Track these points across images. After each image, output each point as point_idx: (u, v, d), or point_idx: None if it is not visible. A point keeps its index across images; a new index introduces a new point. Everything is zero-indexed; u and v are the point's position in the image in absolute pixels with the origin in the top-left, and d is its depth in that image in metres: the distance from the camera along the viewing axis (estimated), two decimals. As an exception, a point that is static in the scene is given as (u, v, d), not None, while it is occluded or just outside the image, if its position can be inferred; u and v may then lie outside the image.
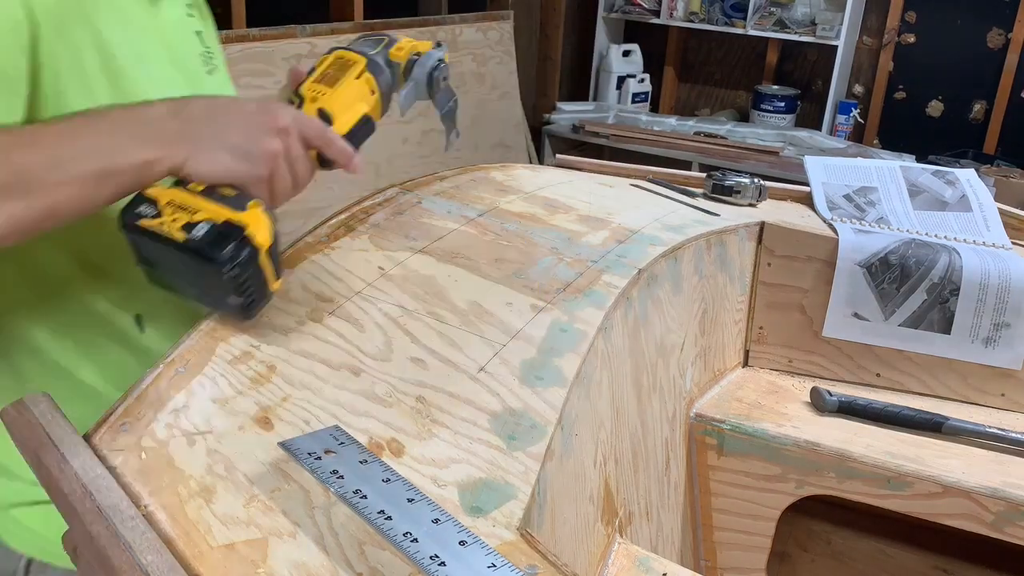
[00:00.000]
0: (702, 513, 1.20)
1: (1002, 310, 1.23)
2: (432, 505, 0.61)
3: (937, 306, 1.24)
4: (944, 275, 1.23)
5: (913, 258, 1.24)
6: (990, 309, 1.23)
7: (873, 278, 1.24)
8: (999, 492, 1.03)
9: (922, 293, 1.24)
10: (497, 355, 0.83)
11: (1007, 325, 1.23)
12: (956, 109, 4.59)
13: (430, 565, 0.56)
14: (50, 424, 0.67)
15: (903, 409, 1.18)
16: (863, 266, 1.25)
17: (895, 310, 1.26)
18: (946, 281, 1.24)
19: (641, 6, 5.07)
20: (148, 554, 0.56)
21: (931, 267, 1.24)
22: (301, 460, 0.65)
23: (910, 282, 1.24)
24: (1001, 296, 1.22)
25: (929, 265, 1.24)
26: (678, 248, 1.14)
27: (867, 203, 1.37)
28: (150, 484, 0.64)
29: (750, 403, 1.21)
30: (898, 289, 1.25)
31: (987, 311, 1.23)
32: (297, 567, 0.57)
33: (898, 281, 1.25)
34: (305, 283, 0.92)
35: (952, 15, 4.49)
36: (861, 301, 1.26)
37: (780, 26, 4.70)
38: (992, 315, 1.23)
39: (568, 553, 0.74)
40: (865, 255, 1.25)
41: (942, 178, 1.44)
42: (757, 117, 4.82)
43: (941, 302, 1.24)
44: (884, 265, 1.24)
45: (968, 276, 1.23)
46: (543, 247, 1.07)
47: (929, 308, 1.25)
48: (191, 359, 0.78)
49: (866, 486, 1.09)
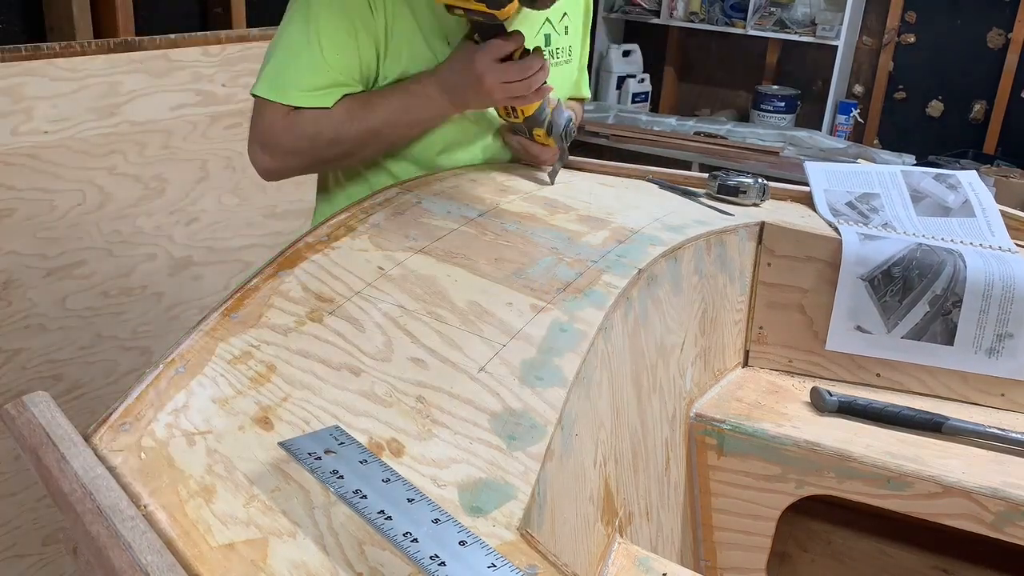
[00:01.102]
0: (702, 513, 1.20)
1: (1005, 320, 1.23)
2: (432, 505, 0.61)
3: (940, 318, 1.24)
4: (947, 286, 1.23)
5: (916, 270, 1.24)
6: (993, 320, 1.23)
7: (875, 291, 1.24)
8: (999, 492, 1.03)
9: (924, 305, 1.24)
10: (497, 355, 0.83)
11: (1010, 335, 1.23)
12: (956, 109, 4.59)
13: (430, 565, 0.56)
14: (50, 424, 0.67)
15: (903, 409, 1.18)
16: (865, 279, 1.25)
17: (898, 322, 1.25)
18: (949, 292, 1.23)
19: (641, 6, 5.07)
20: (148, 554, 0.56)
21: (934, 279, 1.23)
22: (301, 460, 0.65)
23: (912, 294, 1.24)
24: (1004, 307, 1.22)
25: (932, 276, 1.24)
26: (678, 248, 1.14)
27: (870, 209, 1.37)
28: (150, 484, 0.64)
29: (750, 403, 1.21)
30: (900, 301, 1.24)
31: (990, 322, 1.23)
32: (297, 567, 0.57)
33: (900, 293, 1.24)
34: (305, 283, 0.92)
35: (952, 15, 4.49)
36: (863, 314, 1.26)
37: (780, 26, 4.70)
38: (995, 326, 1.23)
39: (568, 553, 0.74)
40: (868, 268, 1.25)
41: (944, 183, 1.43)
42: (757, 117, 4.82)
43: (944, 314, 1.24)
44: (887, 278, 1.24)
45: (971, 286, 1.23)
46: (543, 247, 1.07)
47: (932, 320, 1.25)
48: (191, 359, 0.78)
49: (866, 486, 1.09)
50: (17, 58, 1.69)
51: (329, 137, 1.23)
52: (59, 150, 1.77)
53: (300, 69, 1.22)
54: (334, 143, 1.24)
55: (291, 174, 1.31)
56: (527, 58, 1.21)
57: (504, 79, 1.20)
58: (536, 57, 1.22)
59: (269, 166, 1.27)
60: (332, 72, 1.22)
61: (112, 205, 1.88)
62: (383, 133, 1.26)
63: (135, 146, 1.90)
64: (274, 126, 1.23)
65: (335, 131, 1.23)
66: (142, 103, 1.89)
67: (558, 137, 1.34)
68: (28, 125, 1.72)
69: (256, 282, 0.91)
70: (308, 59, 1.21)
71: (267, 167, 1.27)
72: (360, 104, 1.24)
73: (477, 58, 1.19)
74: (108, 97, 1.83)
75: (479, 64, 1.19)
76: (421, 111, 1.25)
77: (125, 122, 1.87)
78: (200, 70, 1.99)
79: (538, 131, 1.33)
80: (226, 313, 0.85)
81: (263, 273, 0.93)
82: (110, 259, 1.90)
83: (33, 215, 1.76)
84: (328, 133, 1.23)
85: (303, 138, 1.23)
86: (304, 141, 1.23)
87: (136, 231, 1.94)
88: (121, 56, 1.84)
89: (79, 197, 1.82)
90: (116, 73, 1.83)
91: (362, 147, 1.27)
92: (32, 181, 1.75)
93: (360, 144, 1.26)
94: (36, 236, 1.78)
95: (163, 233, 1.99)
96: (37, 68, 1.72)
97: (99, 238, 1.87)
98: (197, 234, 2.07)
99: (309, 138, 1.23)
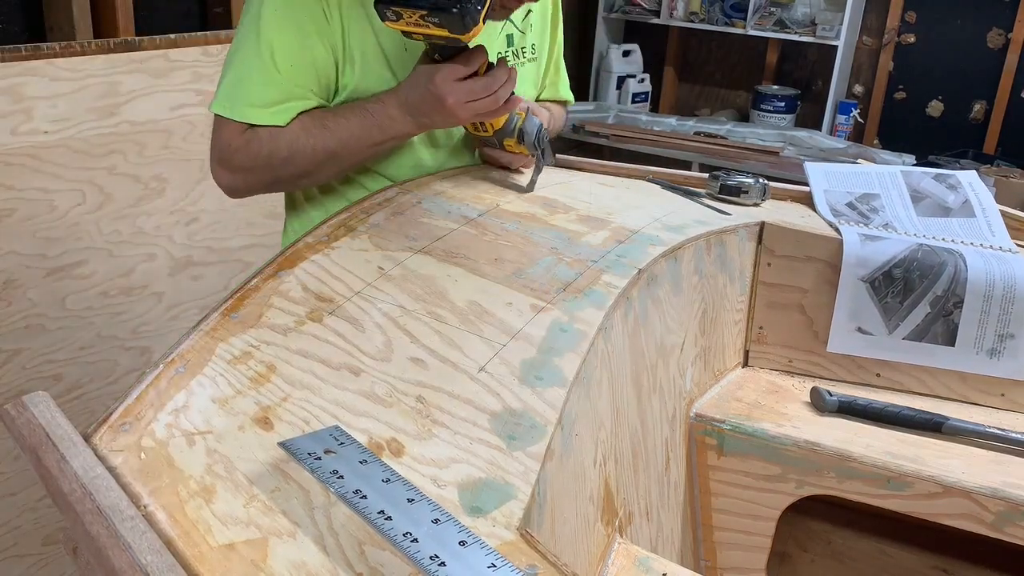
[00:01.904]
0: (702, 513, 1.20)
1: (1006, 321, 1.23)
2: (432, 505, 0.61)
3: (941, 318, 1.24)
4: (948, 287, 1.23)
5: (917, 271, 1.24)
6: (994, 320, 1.23)
7: (876, 292, 1.24)
8: (999, 492, 1.03)
9: (925, 306, 1.24)
10: (497, 355, 0.83)
11: (1011, 336, 1.23)
12: (956, 109, 4.59)
13: (430, 565, 0.56)
14: (50, 424, 0.67)
15: (903, 409, 1.18)
16: (866, 281, 1.25)
17: (899, 323, 1.25)
18: (950, 293, 1.23)
19: (641, 6, 5.06)
20: (148, 554, 0.56)
21: (935, 279, 1.23)
22: (301, 460, 0.65)
23: (913, 295, 1.24)
24: (1005, 307, 1.22)
25: (933, 277, 1.23)
26: (678, 248, 1.14)
27: (870, 210, 1.37)
28: (150, 484, 0.64)
29: (750, 403, 1.21)
30: (901, 303, 1.24)
31: (991, 322, 1.23)
32: (297, 567, 0.57)
33: (901, 295, 1.24)
34: (305, 283, 0.92)
35: (952, 15, 4.49)
36: (864, 315, 1.26)
37: (780, 26, 4.70)
38: (996, 326, 1.23)
39: (568, 553, 0.74)
40: (868, 270, 1.25)
41: (944, 183, 1.43)
42: (757, 117, 4.82)
43: (945, 314, 1.24)
44: (887, 279, 1.24)
45: (972, 286, 1.23)
46: (543, 247, 1.07)
47: (933, 321, 1.25)
48: (191, 359, 0.78)
49: (866, 486, 1.09)
50: (17, 58, 1.69)
51: (283, 156, 1.18)
52: (59, 150, 1.77)
53: (253, 83, 1.17)
54: (288, 162, 1.19)
55: (254, 192, 1.26)
56: (491, 72, 1.15)
57: (468, 98, 1.14)
58: (501, 69, 1.15)
59: (230, 183, 1.23)
60: (286, 85, 1.17)
61: (112, 205, 1.88)
62: (340, 155, 1.20)
63: (135, 146, 1.90)
64: (231, 143, 1.18)
65: (290, 150, 1.18)
66: (142, 103, 1.89)
67: (530, 145, 1.28)
68: (28, 125, 1.72)
69: (256, 282, 0.91)
70: (261, 72, 1.16)
71: (228, 184, 1.23)
72: (317, 123, 1.19)
73: (438, 79, 1.12)
74: (108, 97, 1.83)
75: (441, 85, 1.12)
76: (381, 132, 1.19)
77: (125, 122, 1.87)
78: (200, 70, 1.99)
79: (509, 141, 1.29)
80: (226, 313, 0.85)
81: (263, 273, 0.93)
82: (110, 259, 1.90)
83: (33, 215, 1.76)
84: (283, 152, 1.18)
85: (259, 157, 1.19)
86: (260, 160, 1.19)
87: (136, 231, 1.94)
88: (121, 56, 1.84)
89: (79, 197, 1.82)
90: (116, 73, 1.83)
91: (319, 168, 1.21)
92: (32, 181, 1.75)
93: (316, 165, 1.20)
94: (36, 236, 1.78)
95: (163, 233, 1.99)
96: (37, 68, 1.72)
97: (99, 238, 1.87)
98: (197, 234, 2.07)
99: (265, 157, 1.19)
